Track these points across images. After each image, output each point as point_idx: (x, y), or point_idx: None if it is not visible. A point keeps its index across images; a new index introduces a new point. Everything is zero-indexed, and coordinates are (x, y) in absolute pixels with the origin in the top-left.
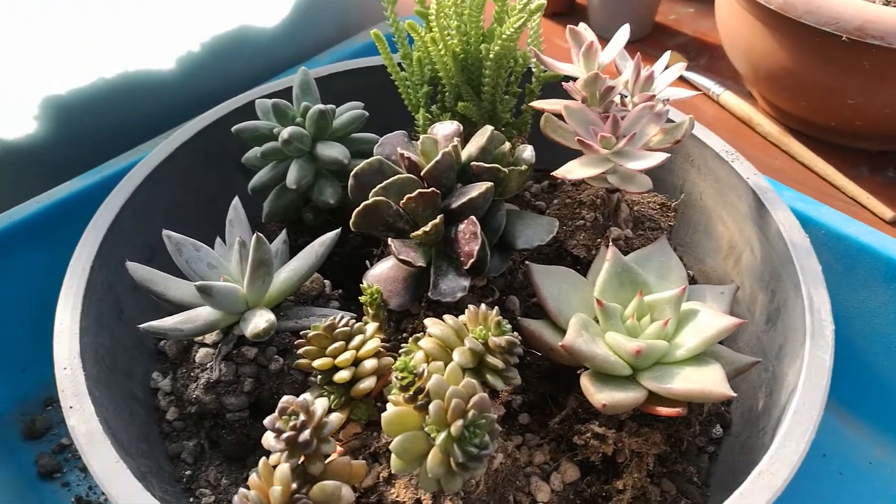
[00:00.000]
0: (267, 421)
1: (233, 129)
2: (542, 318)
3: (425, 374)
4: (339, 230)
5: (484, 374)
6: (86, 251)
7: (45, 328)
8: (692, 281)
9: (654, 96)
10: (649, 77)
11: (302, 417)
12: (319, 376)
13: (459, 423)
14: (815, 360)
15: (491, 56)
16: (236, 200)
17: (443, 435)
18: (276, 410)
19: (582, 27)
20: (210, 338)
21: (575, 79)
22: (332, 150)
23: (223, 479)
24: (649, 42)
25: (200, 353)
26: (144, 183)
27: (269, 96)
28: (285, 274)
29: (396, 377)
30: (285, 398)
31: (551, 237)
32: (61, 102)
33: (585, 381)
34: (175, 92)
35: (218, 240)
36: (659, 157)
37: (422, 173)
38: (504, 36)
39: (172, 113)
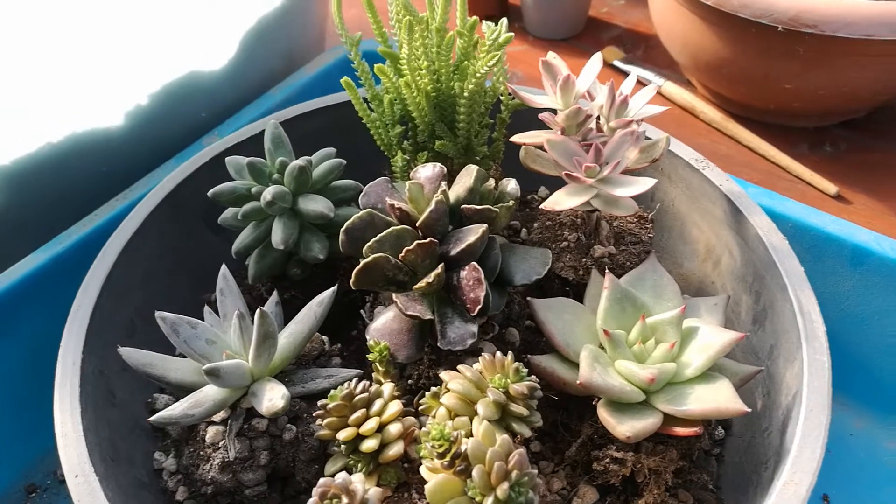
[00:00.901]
0: None
1: (209, 193)
2: (545, 348)
3: (459, 437)
4: (335, 287)
5: (508, 421)
6: (72, 343)
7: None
8: None
9: (632, 121)
10: (624, 101)
11: (345, 500)
12: (343, 446)
13: (505, 486)
14: (815, 363)
15: (465, 94)
16: (224, 269)
17: (490, 500)
18: (316, 495)
19: (552, 56)
20: (218, 415)
21: (550, 109)
22: (316, 205)
23: None
24: (584, 38)
25: (210, 433)
26: (120, 259)
27: (234, 148)
28: (286, 339)
29: (434, 446)
30: (323, 481)
31: (547, 269)
32: (8, 172)
33: (604, 414)
34: (127, 147)
35: (207, 310)
36: (647, 184)
37: (417, 224)
38: (478, 74)
39: (127, 169)
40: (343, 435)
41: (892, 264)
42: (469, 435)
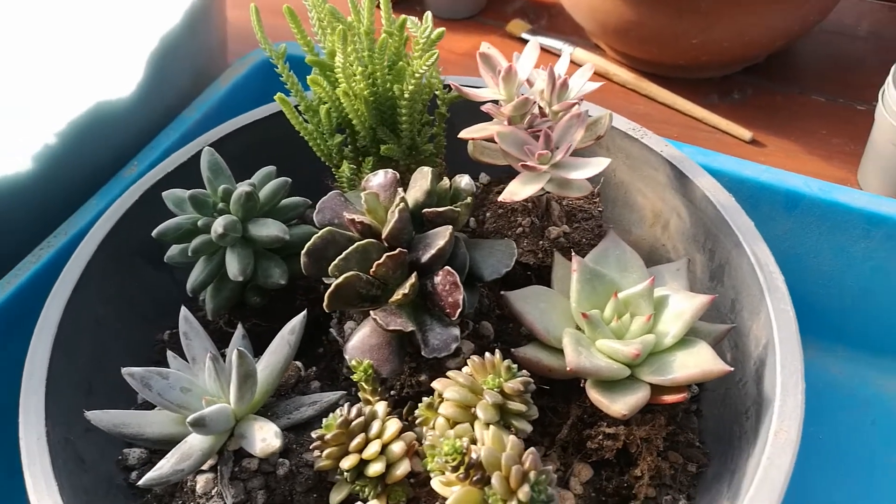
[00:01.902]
0: None
1: (154, 234)
2: (523, 336)
3: (469, 447)
4: (304, 312)
5: (508, 419)
6: (33, 416)
7: None
8: None
9: (575, 103)
10: (564, 84)
11: None
12: (346, 474)
13: (526, 488)
14: (781, 313)
15: (406, 95)
16: (185, 312)
17: None
18: None
19: (487, 47)
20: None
21: (492, 101)
22: (269, 230)
23: None
24: (488, 14)
25: (200, 483)
26: (65, 317)
27: (165, 180)
28: (263, 373)
29: (447, 461)
30: None
31: (514, 260)
32: None
33: (596, 395)
34: (40, 191)
35: (171, 355)
36: (601, 164)
37: (383, 236)
38: (417, 74)
39: (43, 214)
40: (347, 463)
41: (822, 203)
42: (473, 441)
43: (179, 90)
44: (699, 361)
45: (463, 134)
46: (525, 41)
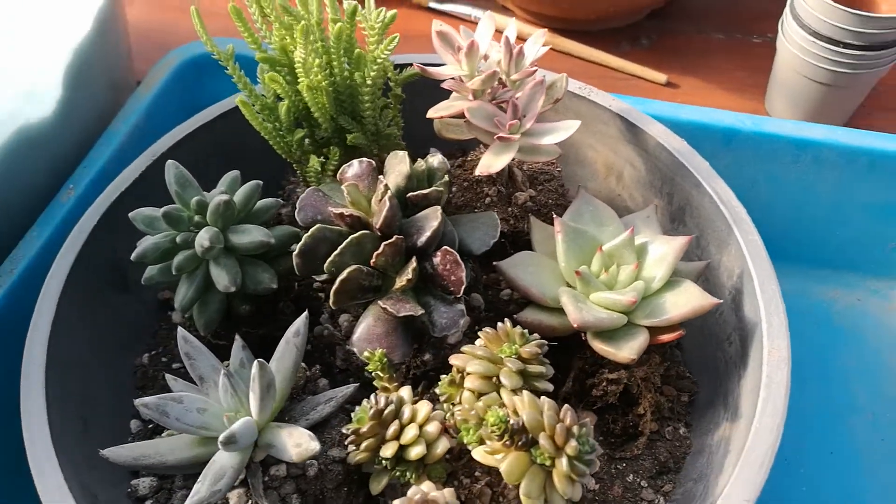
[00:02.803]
0: None
1: (133, 257)
2: (515, 301)
3: (508, 416)
4: (306, 315)
5: (530, 382)
6: (50, 471)
7: None
8: None
9: (533, 71)
10: (520, 53)
11: None
12: (385, 462)
13: (573, 443)
14: (751, 244)
15: (369, 82)
16: (183, 332)
17: (564, 460)
18: None
19: (438, 25)
20: None
21: (455, 77)
22: (253, 236)
23: None
24: None
25: (233, 499)
26: (49, 365)
27: (120, 200)
28: (277, 381)
29: (493, 431)
30: (403, 500)
31: (499, 231)
32: None
33: (600, 346)
34: None
35: (170, 377)
36: (571, 127)
37: (378, 225)
38: (379, 60)
39: None
40: (389, 451)
41: (755, 136)
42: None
43: (101, 103)
44: (689, 299)
45: (431, 113)
46: (434, 11)
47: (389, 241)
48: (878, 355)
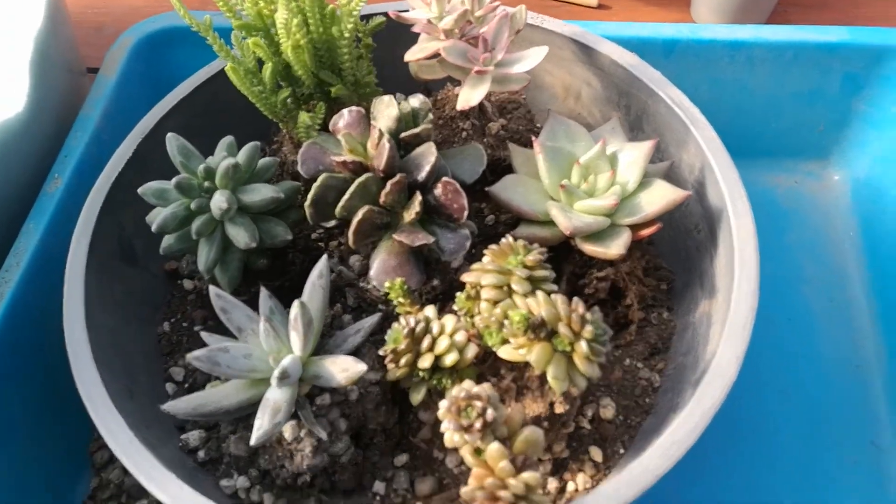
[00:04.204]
0: (445, 425)
1: (154, 228)
2: (499, 224)
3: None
4: (326, 257)
5: (537, 286)
6: (120, 433)
7: None
8: None
9: (496, 5)
10: None
11: (479, 404)
12: (421, 373)
13: (589, 328)
14: (709, 140)
15: (346, 35)
16: (215, 289)
17: (583, 343)
18: (449, 412)
19: None
20: None
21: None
22: (263, 193)
23: None
24: None
25: (287, 432)
26: (91, 338)
27: (119, 181)
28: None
29: (518, 328)
30: (453, 398)
31: (485, 161)
32: None
33: (591, 247)
34: None
35: (205, 334)
36: (540, 53)
37: (380, 167)
38: (355, 13)
39: None
40: (427, 362)
41: (694, 44)
42: None
43: (61, 91)
44: (662, 195)
45: (408, 56)
46: None
47: (394, 180)
48: (817, 229)
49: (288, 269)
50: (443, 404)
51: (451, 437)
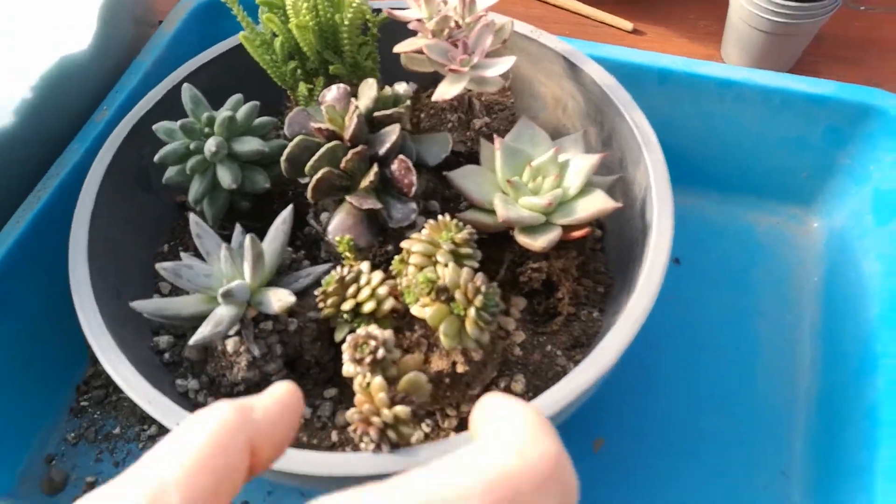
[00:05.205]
0: (345, 357)
1: (156, 158)
2: (463, 206)
3: (437, 279)
4: (292, 206)
5: (461, 261)
6: (93, 318)
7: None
8: None
9: (483, 15)
10: (472, 0)
11: (373, 343)
12: (345, 315)
13: (480, 297)
14: (655, 161)
15: (346, 23)
16: (194, 217)
17: (472, 309)
18: (349, 346)
19: None
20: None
21: (417, 19)
22: (251, 145)
23: None
24: None
25: (230, 345)
26: (90, 241)
27: (146, 117)
28: (267, 256)
29: (422, 289)
30: (353, 335)
31: (450, 148)
32: None
33: (522, 238)
34: (23, 143)
35: (184, 255)
36: (508, 61)
37: (346, 137)
38: (354, 5)
39: (29, 163)
40: (348, 306)
41: (686, 76)
42: (437, 277)
43: (126, 38)
44: (595, 203)
45: (397, 48)
46: None
47: (356, 149)
48: (787, 269)
49: (272, 217)
50: (347, 340)
51: (347, 367)
